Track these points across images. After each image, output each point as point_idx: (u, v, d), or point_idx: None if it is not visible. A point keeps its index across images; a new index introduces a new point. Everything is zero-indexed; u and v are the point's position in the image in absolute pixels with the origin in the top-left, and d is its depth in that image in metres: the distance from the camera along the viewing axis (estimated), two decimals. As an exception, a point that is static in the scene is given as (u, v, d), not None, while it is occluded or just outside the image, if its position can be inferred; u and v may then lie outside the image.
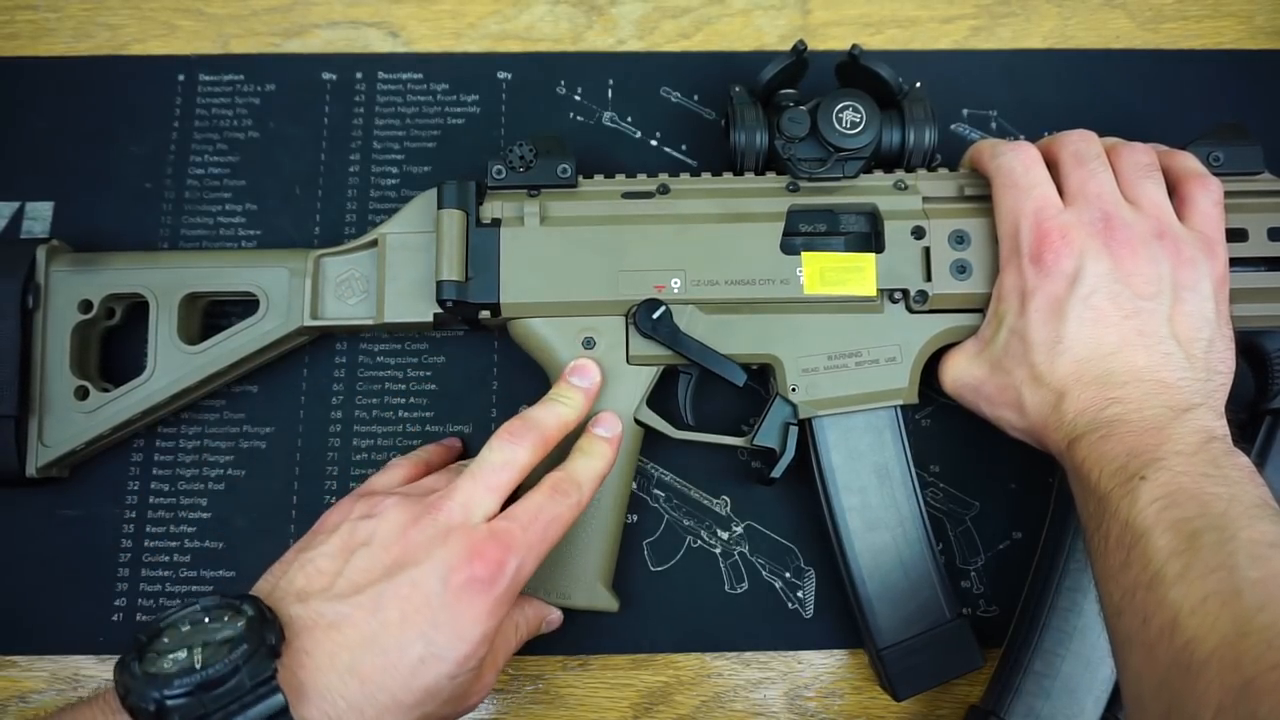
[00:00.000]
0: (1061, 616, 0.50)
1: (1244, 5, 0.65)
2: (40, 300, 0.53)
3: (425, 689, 0.39)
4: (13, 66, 0.62)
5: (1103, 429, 0.44)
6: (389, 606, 0.39)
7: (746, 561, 0.56)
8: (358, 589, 0.40)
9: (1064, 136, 0.51)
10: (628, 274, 0.52)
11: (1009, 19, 0.65)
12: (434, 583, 0.40)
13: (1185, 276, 0.47)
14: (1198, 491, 0.39)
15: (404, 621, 0.39)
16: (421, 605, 0.40)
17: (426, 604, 0.40)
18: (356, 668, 0.38)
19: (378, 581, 0.40)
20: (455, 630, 0.40)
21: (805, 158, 0.52)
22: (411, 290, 0.53)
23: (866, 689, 0.54)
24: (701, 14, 0.65)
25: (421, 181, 0.61)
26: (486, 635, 0.41)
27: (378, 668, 0.38)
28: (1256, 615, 0.34)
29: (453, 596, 0.40)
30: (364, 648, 0.39)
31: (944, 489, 0.57)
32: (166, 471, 0.56)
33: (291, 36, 0.63)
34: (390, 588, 0.40)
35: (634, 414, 0.52)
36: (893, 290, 0.52)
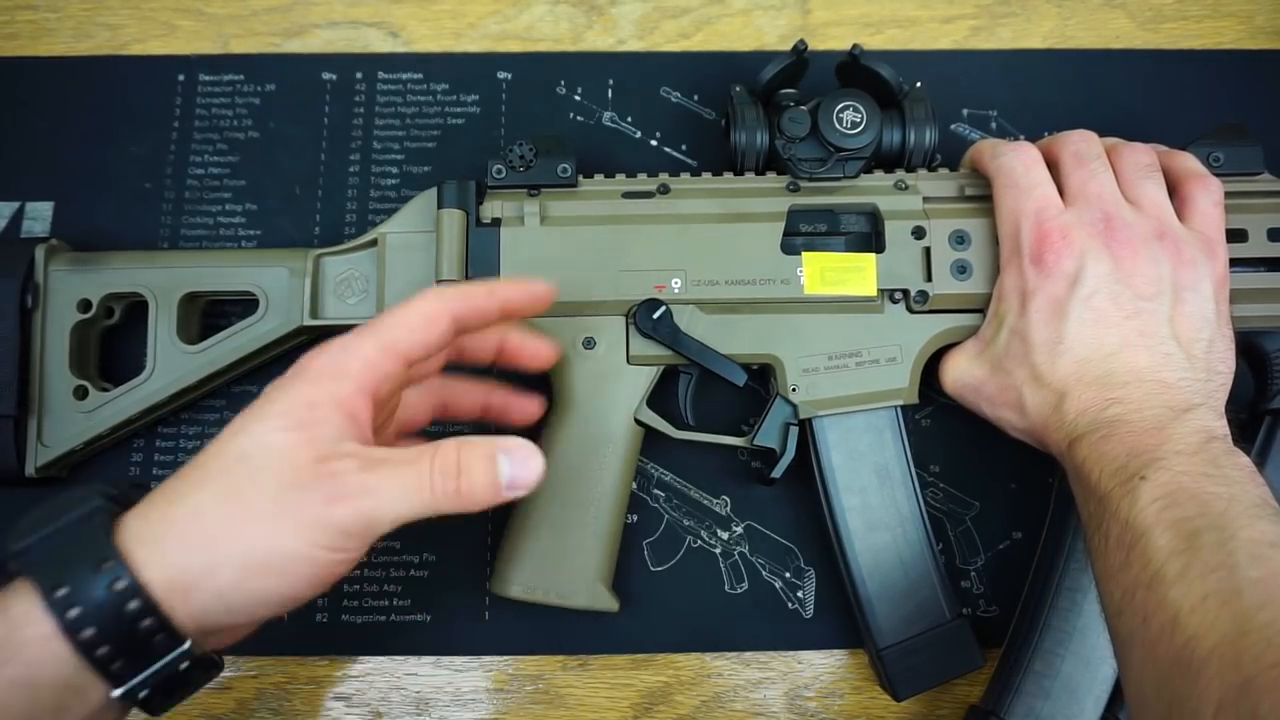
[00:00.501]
0: (1061, 616, 0.50)
1: (1244, 5, 0.65)
2: (39, 300, 0.53)
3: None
4: (13, 66, 0.62)
5: (1103, 429, 0.44)
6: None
7: (746, 561, 0.56)
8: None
9: (1064, 137, 0.51)
10: (628, 274, 0.52)
11: (1009, 19, 0.65)
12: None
13: (1186, 277, 0.47)
14: (1198, 491, 0.39)
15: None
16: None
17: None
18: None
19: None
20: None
21: (805, 158, 0.52)
22: (411, 290, 0.53)
23: (866, 689, 0.54)
24: (701, 14, 0.65)
25: (421, 181, 0.61)
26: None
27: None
28: (1257, 614, 0.34)
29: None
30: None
31: (944, 489, 0.57)
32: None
33: (291, 36, 0.63)
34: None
35: (634, 414, 0.52)
36: (893, 290, 0.52)
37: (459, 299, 0.43)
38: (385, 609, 0.55)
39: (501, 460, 0.39)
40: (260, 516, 0.37)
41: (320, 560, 0.37)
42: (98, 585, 0.35)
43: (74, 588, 0.35)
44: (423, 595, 0.55)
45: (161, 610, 0.36)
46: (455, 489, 0.38)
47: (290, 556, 0.37)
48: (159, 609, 0.36)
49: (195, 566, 0.36)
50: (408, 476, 0.38)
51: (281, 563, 0.37)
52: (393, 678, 0.54)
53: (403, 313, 0.41)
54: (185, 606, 0.36)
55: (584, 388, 0.52)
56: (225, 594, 0.37)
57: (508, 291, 0.45)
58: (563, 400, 0.52)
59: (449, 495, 0.38)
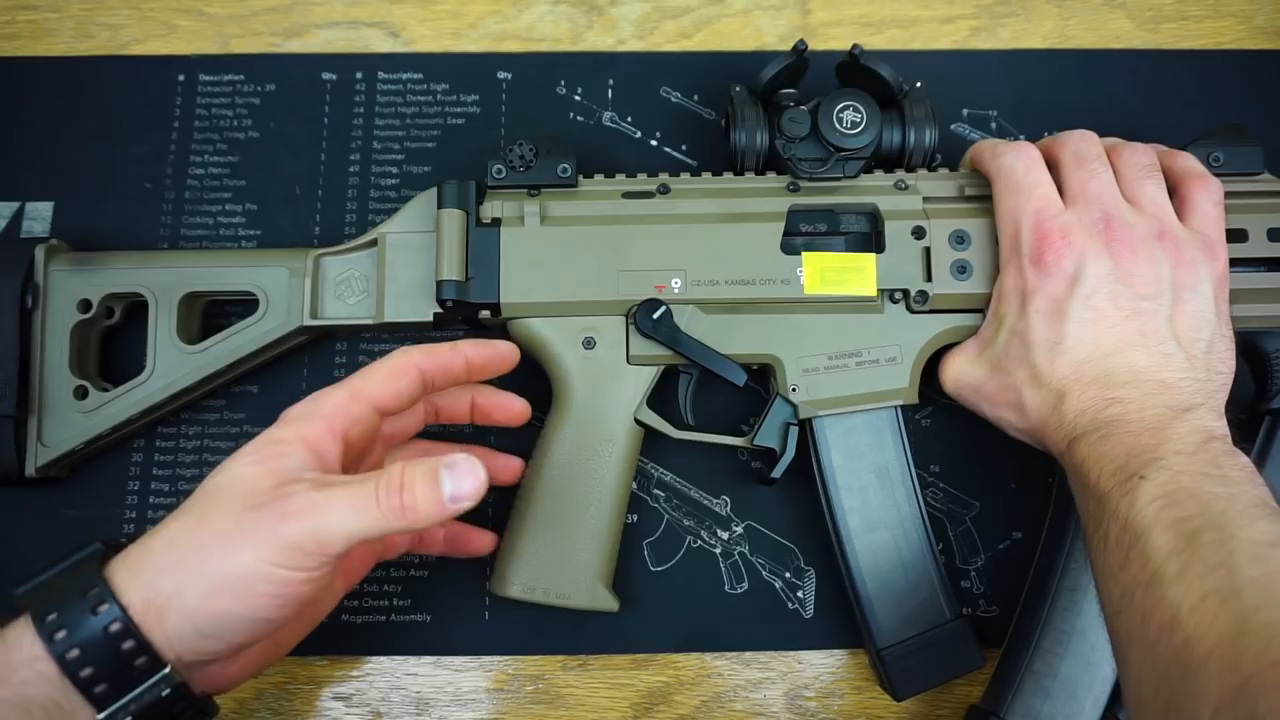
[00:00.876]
0: (1061, 616, 0.50)
1: (1244, 5, 0.65)
2: (39, 300, 0.53)
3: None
4: (13, 66, 0.62)
5: (1103, 429, 0.44)
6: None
7: (746, 561, 0.56)
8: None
9: (1065, 137, 0.51)
10: (628, 274, 0.52)
11: (1009, 19, 0.65)
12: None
13: (1186, 277, 0.47)
14: (1197, 491, 0.39)
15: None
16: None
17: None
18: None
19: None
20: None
21: (806, 157, 0.52)
22: (411, 290, 0.53)
23: (866, 689, 0.54)
24: (701, 14, 0.65)
25: (421, 181, 0.60)
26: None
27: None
28: (1256, 614, 0.34)
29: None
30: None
31: (944, 489, 0.57)
32: (166, 471, 0.56)
33: (291, 36, 0.63)
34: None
35: (634, 414, 0.52)
36: (893, 290, 0.52)
37: (424, 355, 0.46)
38: (385, 609, 0.55)
39: (444, 475, 0.39)
40: (221, 536, 0.39)
41: (277, 579, 0.38)
42: (83, 609, 0.38)
43: (62, 612, 0.38)
44: (423, 595, 0.55)
45: (140, 632, 0.38)
46: (399, 504, 0.39)
47: (247, 575, 0.38)
48: (138, 631, 0.38)
49: (166, 588, 0.38)
50: (355, 494, 0.39)
51: (240, 581, 0.38)
52: (393, 678, 0.54)
53: (373, 366, 0.45)
54: (161, 629, 0.38)
55: (584, 388, 0.52)
56: (193, 615, 0.38)
57: (471, 350, 0.47)
58: (563, 400, 0.52)
59: (395, 510, 0.39)
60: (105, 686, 0.37)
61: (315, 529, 0.38)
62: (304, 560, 0.38)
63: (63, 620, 0.38)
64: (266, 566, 0.38)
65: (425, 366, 0.45)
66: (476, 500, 0.40)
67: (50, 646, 0.37)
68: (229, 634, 0.39)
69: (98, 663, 0.37)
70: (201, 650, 0.39)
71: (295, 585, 0.39)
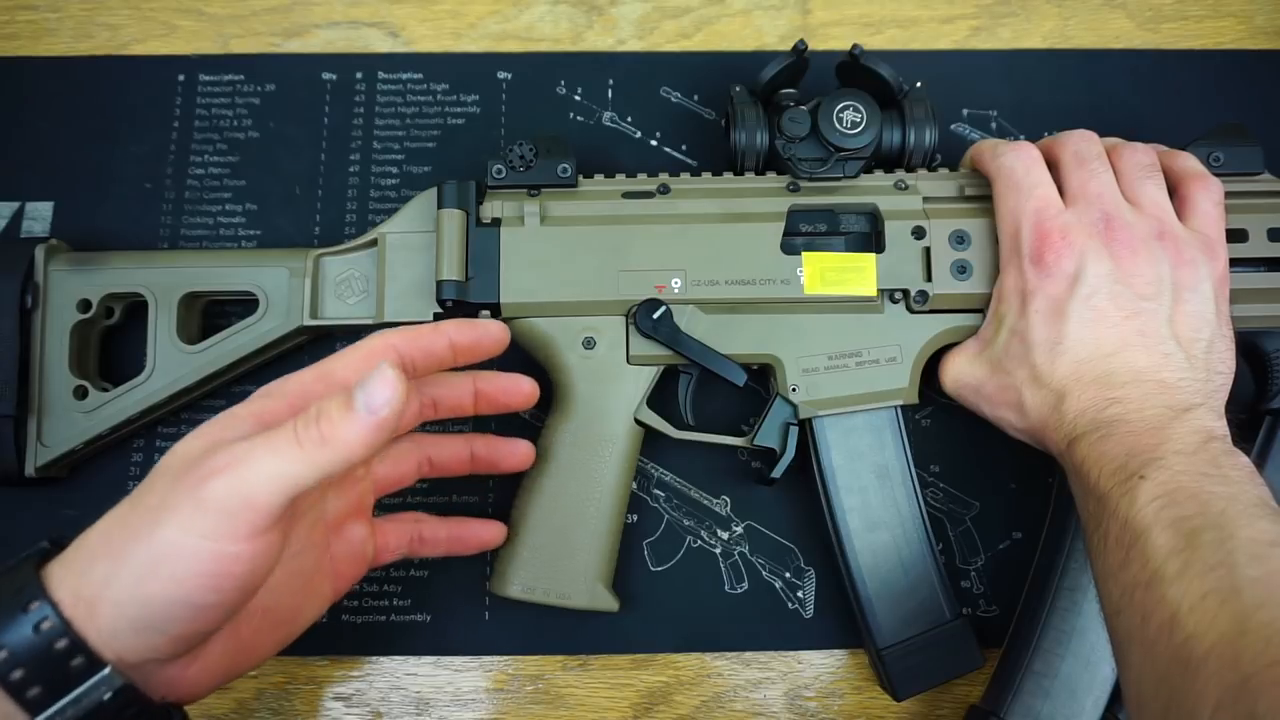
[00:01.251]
0: (1061, 616, 0.50)
1: (1244, 5, 0.65)
2: (39, 300, 0.53)
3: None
4: (13, 66, 0.62)
5: (1102, 429, 0.44)
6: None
7: (746, 561, 0.56)
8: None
9: (1065, 137, 0.51)
10: (628, 274, 0.52)
11: (1009, 19, 0.65)
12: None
13: (1186, 277, 0.47)
14: (1197, 490, 0.39)
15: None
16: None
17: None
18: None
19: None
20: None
21: (806, 157, 0.52)
22: (411, 290, 0.53)
23: (866, 689, 0.54)
24: (701, 14, 0.65)
25: (421, 181, 0.61)
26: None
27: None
28: (1255, 613, 0.34)
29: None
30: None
31: (944, 489, 0.57)
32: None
33: (291, 36, 0.63)
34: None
35: (634, 414, 0.52)
36: (893, 290, 0.52)
37: (403, 337, 0.42)
38: (385, 609, 0.55)
39: (356, 393, 0.36)
40: (147, 514, 0.36)
41: (205, 554, 0.35)
42: (14, 608, 0.35)
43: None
44: (423, 595, 0.55)
45: (73, 629, 0.35)
46: (318, 434, 0.36)
47: (175, 550, 0.35)
48: (71, 628, 0.35)
49: (96, 578, 0.36)
50: (274, 437, 0.36)
51: (167, 560, 0.35)
52: (393, 678, 0.54)
53: (348, 349, 0.42)
54: (93, 624, 0.35)
55: (584, 388, 0.52)
56: (123, 605, 0.35)
57: (455, 330, 0.44)
58: (563, 400, 0.52)
59: (315, 442, 0.36)
60: (39, 690, 0.35)
61: (238, 483, 0.35)
62: (231, 525, 0.35)
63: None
64: (194, 539, 0.35)
65: (404, 349, 0.42)
66: (396, 406, 0.36)
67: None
68: (165, 624, 0.36)
69: (29, 664, 0.35)
70: (142, 647, 0.36)
71: (227, 562, 0.35)
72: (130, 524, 0.37)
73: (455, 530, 0.50)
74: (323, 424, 0.36)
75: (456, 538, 0.50)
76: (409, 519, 0.49)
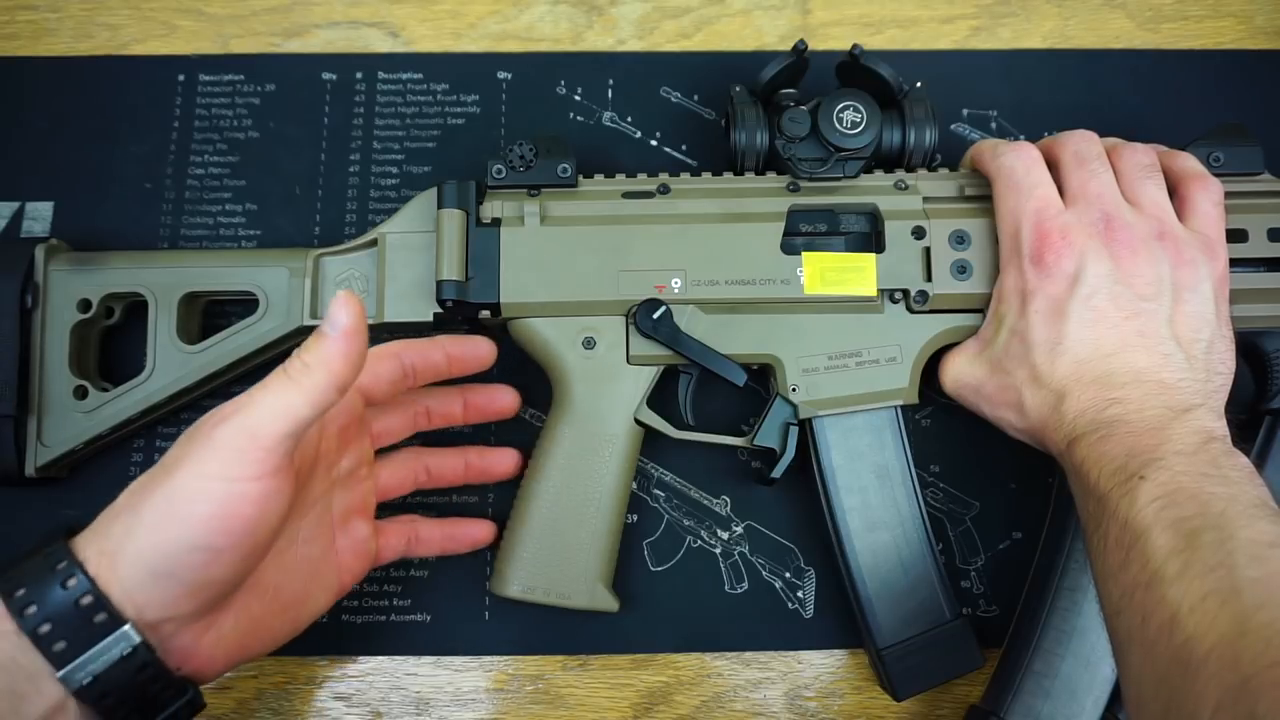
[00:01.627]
0: (1061, 616, 0.50)
1: (1244, 5, 0.65)
2: (39, 299, 0.53)
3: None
4: (13, 66, 0.62)
5: (1102, 429, 0.44)
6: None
7: (746, 561, 0.56)
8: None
9: (1065, 137, 0.51)
10: (628, 274, 0.52)
11: (1009, 19, 0.65)
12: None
13: (1186, 277, 0.47)
14: (1197, 491, 0.39)
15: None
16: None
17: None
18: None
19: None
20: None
21: (806, 157, 0.52)
22: (411, 290, 0.53)
23: (866, 689, 0.54)
24: (701, 14, 0.65)
25: (421, 181, 0.61)
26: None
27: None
28: (1255, 614, 0.34)
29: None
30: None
31: (944, 489, 0.57)
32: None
33: (291, 36, 0.63)
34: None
35: (634, 414, 0.52)
36: (893, 290, 0.52)
37: (403, 344, 0.49)
38: (385, 609, 0.55)
39: (322, 324, 0.40)
40: (165, 467, 0.39)
41: (215, 492, 0.38)
42: (43, 568, 0.38)
43: (21, 572, 0.38)
44: (423, 595, 0.55)
45: (97, 585, 0.38)
46: (302, 364, 0.40)
47: (186, 492, 0.38)
48: (94, 584, 0.38)
49: (117, 532, 0.39)
50: (268, 380, 0.40)
51: (181, 502, 0.38)
52: (393, 678, 0.54)
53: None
54: (115, 576, 0.38)
55: (584, 388, 0.52)
56: (143, 552, 0.38)
57: (449, 343, 0.50)
58: (562, 400, 0.52)
59: (302, 369, 0.39)
60: (64, 644, 0.37)
61: (243, 422, 0.39)
62: (239, 462, 0.38)
63: (22, 579, 0.38)
64: (203, 480, 0.38)
65: (405, 354, 0.48)
66: (356, 316, 0.40)
67: (10, 604, 0.37)
68: (180, 570, 0.38)
69: (56, 619, 0.37)
70: (160, 599, 0.38)
71: (235, 501, 0.38)
72: (150, 481, 0.39)
73: (449, 530, 0.53)
74: (304, 355, 0.40)
75: (450, 536, 0.53)
76: (406, 520, 0.52)
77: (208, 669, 0.42)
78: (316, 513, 0.47)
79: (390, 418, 0.51)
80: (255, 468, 0.39)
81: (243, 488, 0.39)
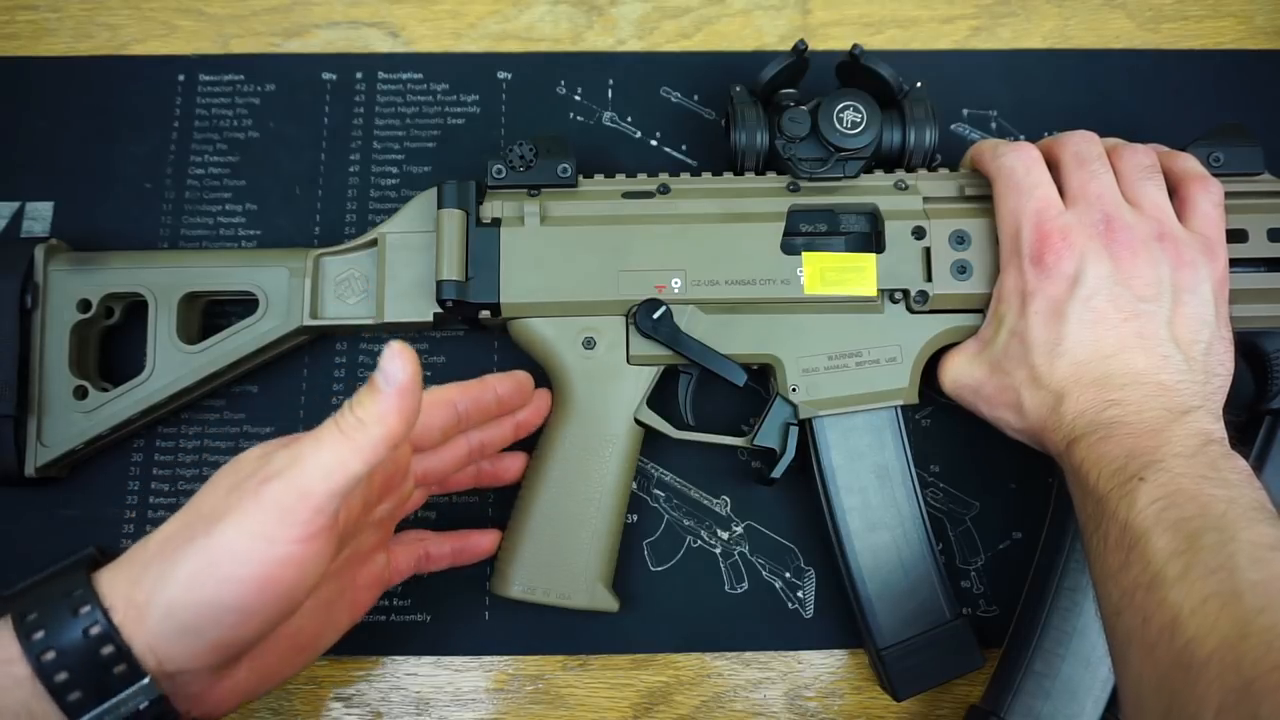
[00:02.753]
0: (1061, 616, 0.50)
1: (1244, 5, 0.65)
2: (39, 299, 0.53)
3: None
4: (13, 66, 0.62)
5: (1101, 431, 0.44)
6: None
7: (746, 561, 0.56)
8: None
9: (1065, 137, 0.51)
10: (628, 274, 0.52)
11: (1009, 19, 0.65)
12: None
13: (1185, 279, 0.47)
14: (1197, 493, 0.39)
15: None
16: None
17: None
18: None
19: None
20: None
21: (806, 157, 0.52)
22: (411, 290, 0.53)
23: (866, 689, 0.54)
24: (701, 14, 0.65)
25: (421, 181, 0.60)
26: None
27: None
28: (1257, 617, 0.34)
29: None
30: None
31: (944, 489, 0.57)
32: (166, 471, 0.56)
33: (291, 36, 0.63)
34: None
35: (634, 414, 0.52)
36: (893, 290, 0.52)
37: (460, 391, 0.47)
38: (385, 609, 0.55)
39: (375, 376, 0.38)
40: (206, 518, 0.37)
41: (259, 555, 0.36)
42: (64, 610, 0.36)
43: (42, 614, 0.36)
44: (423, 595, 0.55)
45: (120, 636, 0.36)
46: (355, 419, 0.37)
47: (230, 552, 0.36)
48: (118, 635, 0.36)
49: (149, 581, 0.37)
50: (320, 433, 0.38)
51: (223, 561, 0.36)
52: (393, 678, 0.54)
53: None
54: (141, 628, 0.36)
55: (584, 388, 0.52)
56: (174, 608, 0.36)
57: (498, 382, 0.49)
58: (563, 400, 0.52)
59: (354, 425, 0.37)
60: (79, 694, 0.36)
61: (294, 479, 0.37)
62: (288, 523, 0.36)
63: (42, 621, 0.36)
64: (249, 540, 0.36)
65: (459, 401, 0.46)
66: (412, 371, 0.38)
67: (27, 647, 0.35)
68: (210, 629, 0.37)
69: (74, 668, 0.35)
70: (183, 654, 0.37)
71: (278, 566, 0.37)
72: (187, 529, 0.37)
73: (457, 544, 0.52)
74: (357, 409, 0.38)
75: (459, 550, 0.52)
76: (414, 539, 0.51)
77: (217, 710, 0.41)
78: (344, 557, 0.45)
79: (441, 457, 0.49)
80: (302, 529, 0.37)
81: (288, 550, 0.37)
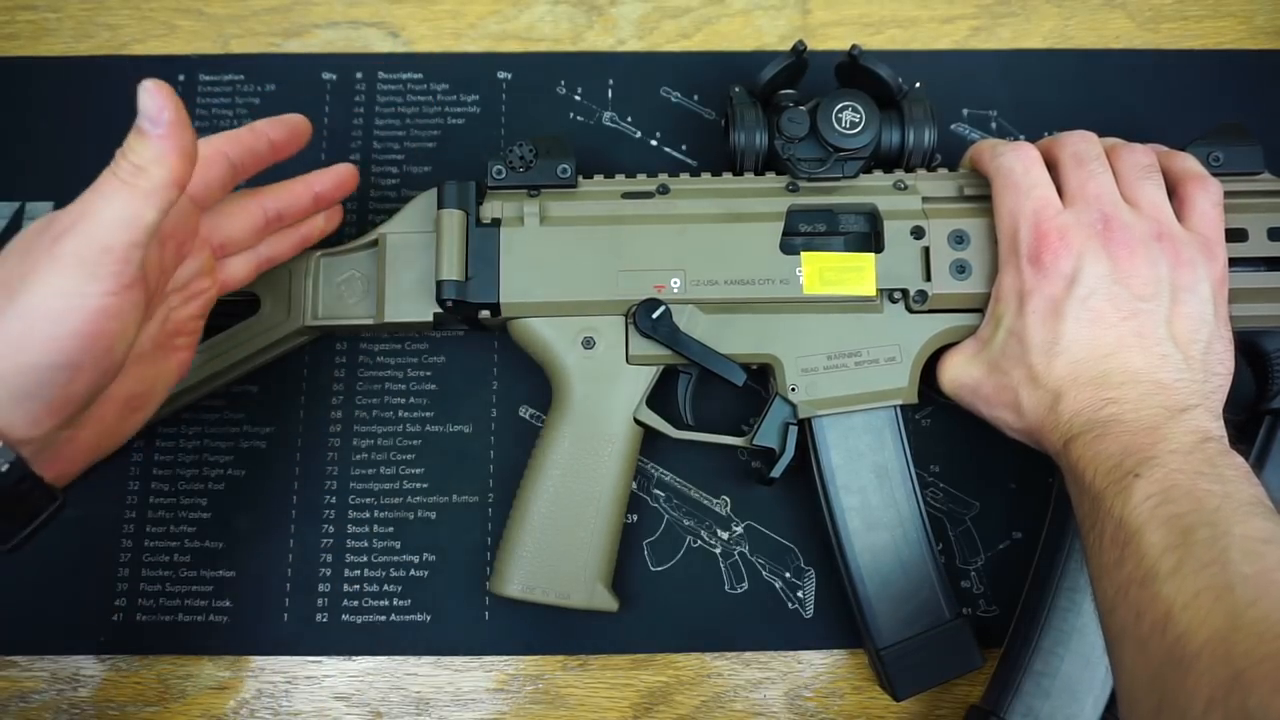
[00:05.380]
0: (1061, 616, 0.50)
1: (1244, 5, 0.65)
2: (40, 300, 0.53)
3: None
4: (13, 66, 0.62)
5: (1098, 428, 0.44)
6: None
7: (746, 561, 0.56)
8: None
9: (1064, 137, 0.51)
10: (627, 274, 0.52)
11: (1009, 19, 0.65)
12: None
13: (1184, 278, 0.47)
14: (1192, 489, 0.39)
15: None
16: None
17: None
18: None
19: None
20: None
21: (805, 158, 0.52)
22: (412, 290, 0.53)
23: (866, 689, 0.54)
24: (701, 14, 0.65)
25: (421, 181, 0.61)
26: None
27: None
28: (1248, 610, 0.34)
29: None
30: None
31: (944, 489, 0.57)
32: (166, 471, 0.56)
33: (291, 36, 0.64)
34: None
35: (633, 414, 0.52)
36: (892, 290, 0.52)
37: (227, 140, 0.48)
38: (385, 609, 0.55)
39: (140, 119, 0.39)
40: (5, 287, 0.38)
41: (76, 313, 0.38)
42: None
43: None
44: (423, 595, 0.55)
45: None
46: (132, 164, 0.39)
47: (45, 313, 0.38)
48: None
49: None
50: (101, 187, 0.39)
51: (41, 322, 0.38)
52: (393, 678, 0.54)
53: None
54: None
55: (583, 388, 0.52)
56: (6, 377, 0.38)
57: (268, 126, 0.49)
58: (562, 400, 0.52)
59: (135, 172, 0.39)
60: None
61: (90, 232, 0.38)
62: (94, 277, 0.38)
63: None
64: (61, 299, 0.38)
65: (230, 150, 0.47)
66: (174, 105, 0.39)
67: None
68: (43, 389, 0.38)
69: None
70: (24, 418, 0.38)
71: (97, 318, 0.38)
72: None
73: (303, 230, 0.53)
74: (131, 156, 0.39)
75: (304, 239, 0.53)
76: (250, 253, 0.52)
77: (70, 470, 0.43)
78: (157, 319, 0.47)
79: (232, 224, 0.50)
80: (112, 281, 0.38)
81: (102, 303, 0.38)
